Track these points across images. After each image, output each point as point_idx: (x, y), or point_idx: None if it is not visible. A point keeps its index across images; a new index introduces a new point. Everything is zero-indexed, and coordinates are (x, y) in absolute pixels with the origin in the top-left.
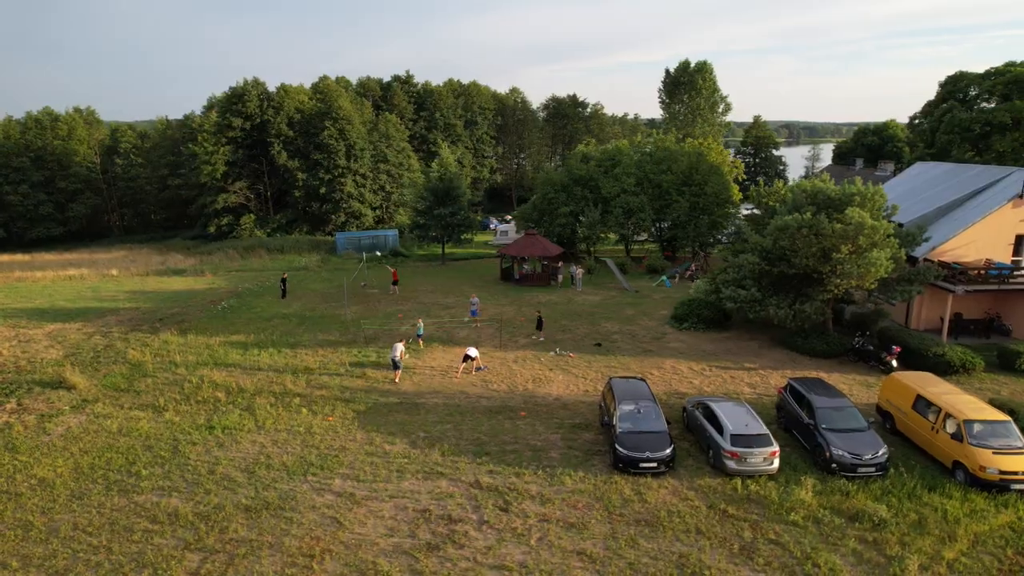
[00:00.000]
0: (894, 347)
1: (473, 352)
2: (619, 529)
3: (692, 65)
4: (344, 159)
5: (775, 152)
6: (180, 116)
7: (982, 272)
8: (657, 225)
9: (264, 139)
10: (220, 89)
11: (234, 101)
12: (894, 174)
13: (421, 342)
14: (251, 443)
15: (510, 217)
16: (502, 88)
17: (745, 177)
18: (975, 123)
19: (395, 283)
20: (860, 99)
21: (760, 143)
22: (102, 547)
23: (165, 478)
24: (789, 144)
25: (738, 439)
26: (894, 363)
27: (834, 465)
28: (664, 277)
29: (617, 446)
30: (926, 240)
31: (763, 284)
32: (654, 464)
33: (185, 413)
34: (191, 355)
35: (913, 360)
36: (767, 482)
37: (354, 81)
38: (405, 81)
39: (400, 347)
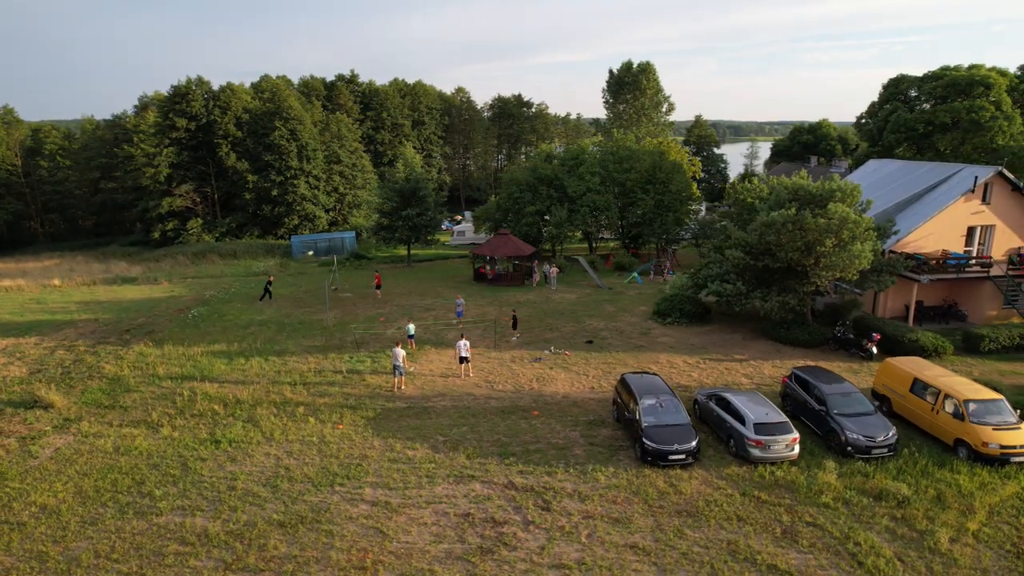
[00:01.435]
0: (874, 335)
1: (465, 351)
2: (662, 521)
3: (635, 66)
4: (296, 160)
5: (716, 150)
6: (108, 116)
7: (940, 262)
8: (621, 223)
9: (210, 140)
10: (145, 88)
11: (177, 101)
12: (849, 170)
13: (413, 344)
14: (264, 456)
15: (459, 217)
16: (446, 87)
17: (703, 175)
18: (919, 123)
19: (378, 287)
20: (780, 99)
21: (702, 142)
22: (133, 574)
23: (182, 497)
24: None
25: (761, 427)
26: (874, 350)
27: (849, 448)
28: (636, 274)
29: (645, 440)
30: (895, 233)
31: (746, 278)
32: (682, 456)
33: (183, 428)
34: (173, 367)
35: (889, 346)
36: (790, 468)
37: (296, 80)
38: (350, 80)
39: (401, 353)
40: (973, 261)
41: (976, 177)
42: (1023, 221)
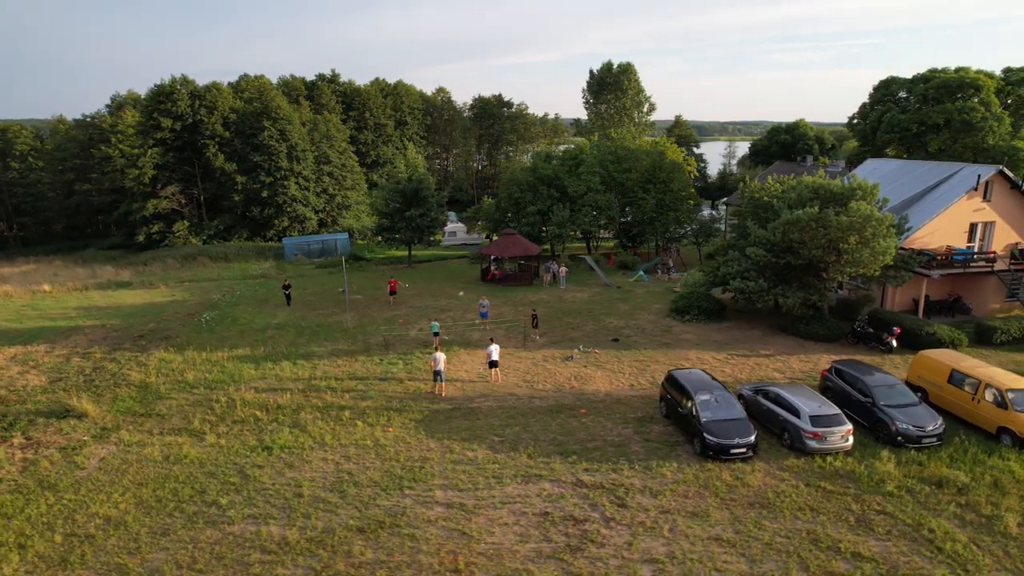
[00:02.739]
0: (894, 328)
1: (495, 355)
2: (738, 513)
3: (615, 66)
4: (286, 161)
5: (696, 150)
6: (78, 115)
7: (947, 257)
8: (622, 223)
9: (196, 141)
10: (113, 87)
11: (161, 100)
12: (848, 169)
13: (437, 341)
14: (322, 461)
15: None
16: (423, 87)
17: (697, 175)
18: (912, 123)
19: (392, 293)
20: (742, 99)
21: (682, 142)
22: None
23: (249, 505)
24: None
25: (817, 419)
26: (894, 343)
27: (899, 438)
28: (642, 272)
29: (706, 435)
30: (907, 230)
31: (766, 275)
32: (743, 449)
33: (228, 435)
34: (201, 373)
35: (907, 339)
36: (845, 458)
37: (275, 79)
38: (331, 80)
39: (442, 357)
40: (979, 256)
41: (979, 176)
42: (1020, 217)
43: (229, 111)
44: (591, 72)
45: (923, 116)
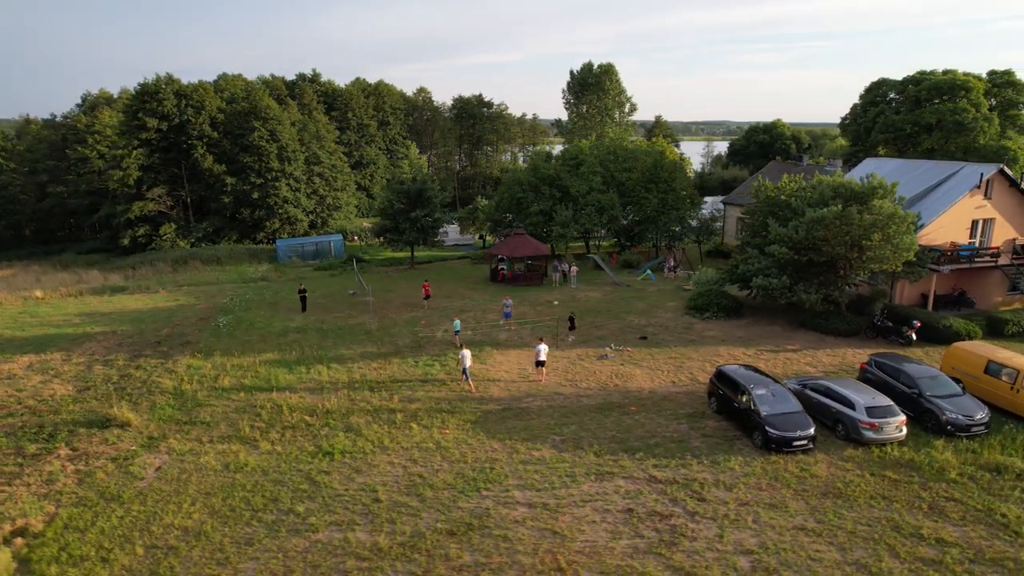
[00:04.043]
0: (915, 322)
1: (543, 354)
2: (813, 503)
3: (596, 67)
4: (277, 162)
5: (676, 149)
6: (47, 115)
7: (953, 253)
8: (625, 222)
9: (183, 141)
10: (71, 87)
11: (145, 100)
12: (848, 168)
13: (458, 339)
14: (388, 465)
15: None
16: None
17: (694, 173)
18: (906, 124)
19: (427, 297)
20: (703, 99)
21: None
22: None
23: (328, 512)
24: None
25: (873, 411)
26: (913, 336)
27: (949, 427)
28: (649, 271)
29: (768, 428)
30: (920, 227)
31: (787, 272)
32: (804, 441)
33: (283, 441)
34: (234, 378)
35: (925, 332)
36: (900, 448)
37: (252, 79)
38: (312, 80)
39: (468, 354)
40: (984, 252)
41: (982, 174)
42: (1020, 215)
43: (217, 111)
44: (571, 73)
45: (916, 117)
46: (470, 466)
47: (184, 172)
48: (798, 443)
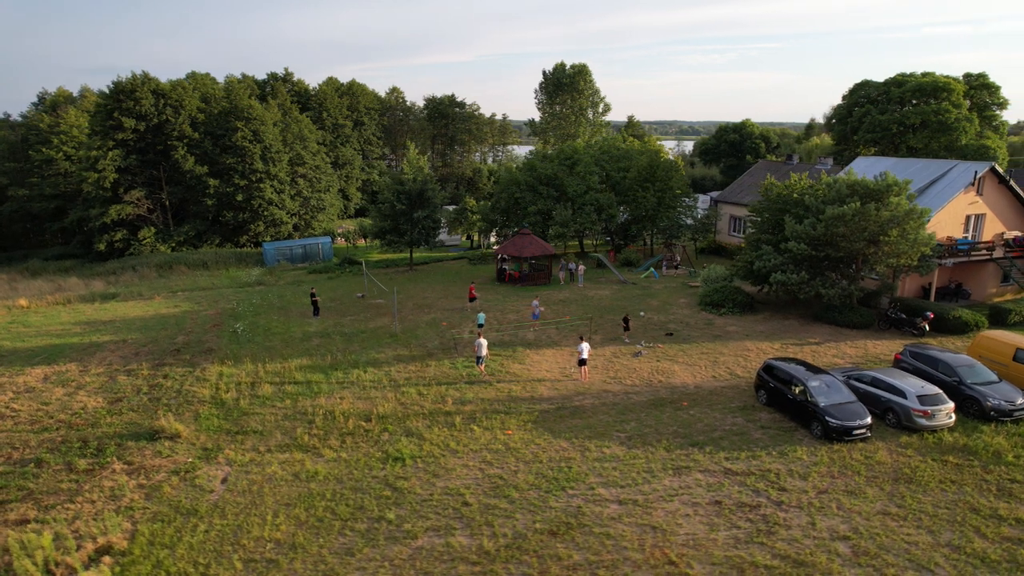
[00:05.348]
0: (928, 313)
1: (586, 353)
2: (887, 489)
3: (568, 67)
4: (261, 163)
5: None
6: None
7: (952, 247)
8: (622, 221)
9: (162, 142)
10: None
11: (121, 99)
12: (840, 167)
13: (481, 333)
14: (464, 468)
15: None
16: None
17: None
18: (892, 123)
19: (472, 299)
20: (652, 99)
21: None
22: None
23: (420, 517)
24: None
25: (925, 399)
26: (927, 327)
27: (992, 413)
28: (652, 268)
29: (828, 418)
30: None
31: (805, 268)
32: (863, 430)
33: (345, 448)
34: (274, 385)
35: (935, 323)
36: (950, 434)
37: (221, 79)
38: (285, 79)
39: (484, 342)
40: (981, 245)
41: (976, 172)
42: (1007, 210)
43: (197, 111)
44: (544, 73)
45: (902, 117)
46: (546, 466)
47: (163, 174)
48: (857, 432)
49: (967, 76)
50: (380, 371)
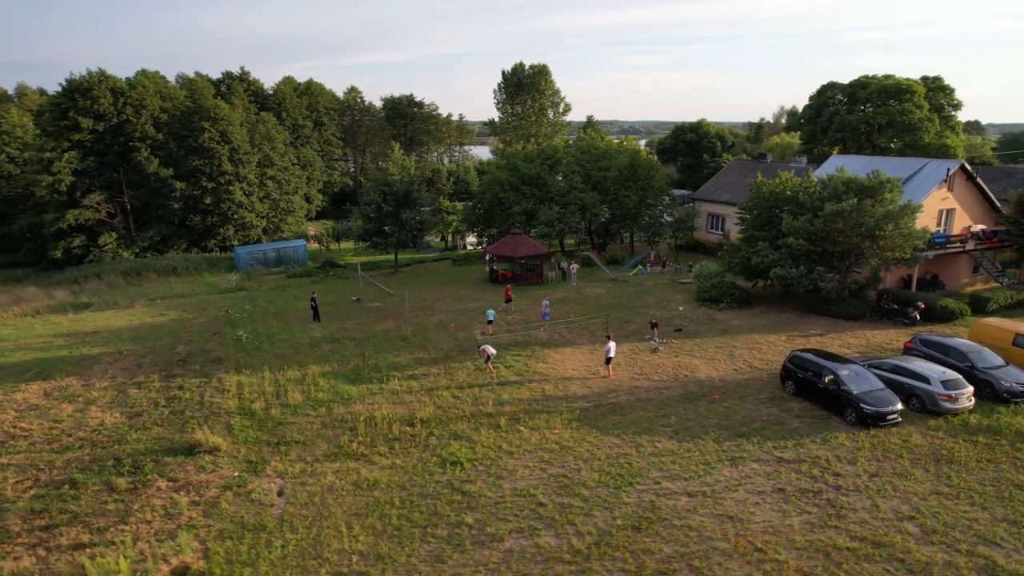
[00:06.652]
0: (919, 303)
1: (613, 351)
2: (932, 470)
3: (527, 68)
4: (229, 164)
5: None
6: None
7: (931, 240)
8: (605, 220)
9: (123, 143)
10: None
11: (75, 98)
12: (815, 167)
13: (491, 329)
14: (525, 468)
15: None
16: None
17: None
18: (860, 123)
19: (508, 300)
20: (590, 100)
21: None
22: None
23: (499, 520)
24: None
25: (948, 383)
26: (918, 316)
27: (1005, 395)
28: (640, 266)
29: (863, 405)
30: None
31: (803, 263)
32: (896, 415)
33: (397, 454)
34: (302, 393)
35: (923, 312)
36: (970, 416)
37: (171, 78)
38: (241, 79)
39: (491, 349)
40: (955, 239)
41: (948, 169)
42: (974, 205)
43: (160, 111)
44: (504, 73)
45: (867, 117)
46: (605, 463)
47: (124, 177)
48: (891, 417)
49: (924, 79)
50: (404, 375)
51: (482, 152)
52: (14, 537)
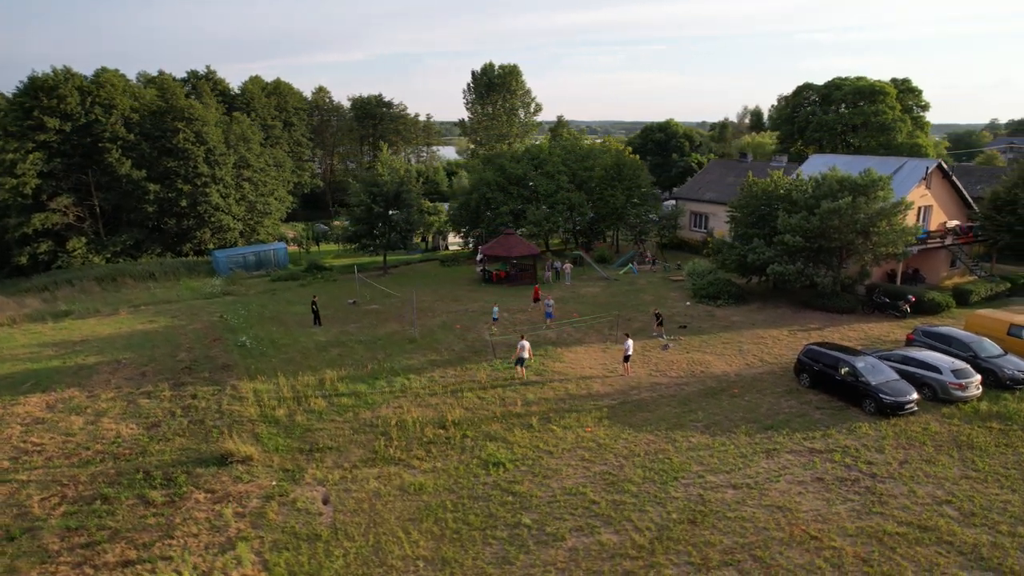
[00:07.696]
0: (910, 297)
1: (631, 349)
2: (955, 455)
3: (497, 68)
4: (206, 166)
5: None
6: None
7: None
8: (589, 218)
9: (92, 143)
10: None
11: (38, 96)
12: (796, 165)
13: (495, 327)
14: (568, 467)
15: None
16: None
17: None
18: (837, 124)
19: (536, 300)
20: (550, 98)
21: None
22: None
23: (556, 519)
24: None
25: (958, 372)
26: (908, 310)
27: (1008, 382)
28: (631, 265)
29: (881, 395)
30: None
31: (799, 259)
32: (912, 404)
33: (436, 457)
34: (326, 400)
35: (912, 305)
36: (979, 403)
37: (133, 77)
38: (208, 78)
39: (527, 344)
40: (935, 235)
41: (927, 167)
42: (949, 202)
43: (131, 111)
44: (473, 73)
45: (842, 117)
46: (645, 459)
47: (93, 179)
48: (908, 406)
49: (894, 80)
50: (422, 378)
51: (448, 152)
52: (55, 556)
